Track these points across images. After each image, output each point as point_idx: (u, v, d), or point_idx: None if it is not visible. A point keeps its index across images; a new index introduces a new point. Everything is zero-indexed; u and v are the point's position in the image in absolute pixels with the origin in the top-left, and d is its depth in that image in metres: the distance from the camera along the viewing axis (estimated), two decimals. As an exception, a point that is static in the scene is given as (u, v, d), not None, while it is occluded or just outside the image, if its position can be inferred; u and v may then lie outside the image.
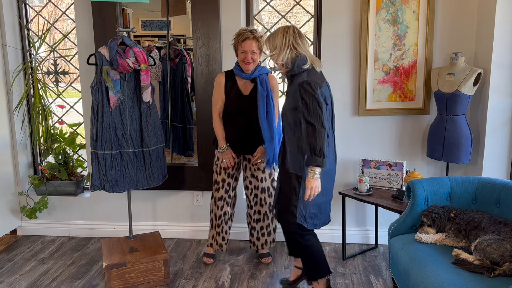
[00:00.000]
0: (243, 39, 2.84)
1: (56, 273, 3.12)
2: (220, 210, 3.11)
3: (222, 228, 3.16)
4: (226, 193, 3.10)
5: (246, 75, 2.92)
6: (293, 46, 2.42)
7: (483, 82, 3.05)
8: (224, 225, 3.17)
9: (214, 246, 3.20)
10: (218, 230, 3.16)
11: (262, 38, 2.89)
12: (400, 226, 2.60)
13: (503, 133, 3.05)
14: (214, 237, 3.19)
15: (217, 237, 3.18)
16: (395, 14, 3.17)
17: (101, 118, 2.89)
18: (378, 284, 2.90)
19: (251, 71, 2.90)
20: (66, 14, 3.66)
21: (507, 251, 2.08)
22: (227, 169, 3.06)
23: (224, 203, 3.11)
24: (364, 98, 3.27)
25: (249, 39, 2.83)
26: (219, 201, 3.10)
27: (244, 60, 2.87)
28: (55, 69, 3.72)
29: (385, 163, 3.19)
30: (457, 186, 2.58)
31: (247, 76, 2.92)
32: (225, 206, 3.12)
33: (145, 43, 3.46)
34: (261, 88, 2.90)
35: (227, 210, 3.15)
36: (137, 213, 3.65)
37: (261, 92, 2.89)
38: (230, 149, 3.02)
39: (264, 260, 3.18)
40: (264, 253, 3.22)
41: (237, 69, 2.96)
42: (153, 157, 3.04)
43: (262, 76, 2.94)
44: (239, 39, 2.87)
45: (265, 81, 2.93)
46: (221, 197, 3.09)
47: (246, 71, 2.91)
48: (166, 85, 3.47)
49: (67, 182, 3.67)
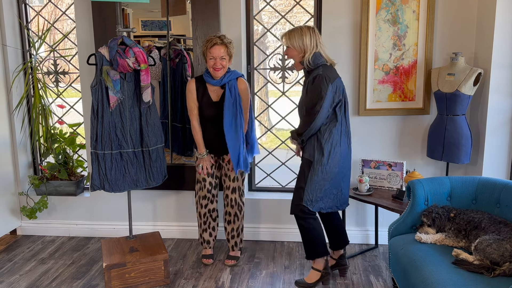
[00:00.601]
0: (212, 45, 2.84)
1: (56, 273, 3.12)
2: (204, 208, 3.16)
3: (209, 224, 3.20)
4: (209, 192, 3.14)
5: (215, 82, 2.93)
6: (316, 46, 2.65)
7: (483, 82, 3.05)
8: (212, 221, 3.21)
9: (203, 245, 3.25)
10: (204, 227, 3.21)
11: (231, 44, 2.90)
12: (400, 226, 2.60)
13: (503, 133, 3.05)
14: (202, 236, 3.25)
15: (204, 234, 3.23)
16: (395, 14, 3.17)
17: (101, 118, 2.89)
18: (378, 284, 2.90)
19: (220, 78, 2.91)
20: (66, 14, 3.66)
21: (507, 251, 2.08)
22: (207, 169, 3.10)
23: (208, 201, 3.16)
24: (364, 98, 3.27)
25: (218, 44, 2.83)
26: (203, 200, 3.15)
27: (213, 67, 2.86)
28: (55, 69, 3.72)
29: (385, 163, 3.19)
30: (457, 186, 2.58)
31: (216, 83, 2.93)
32: (209, 204, 3.16)
33: (145, 43, 3.46)
34: (229, 96, 2.90)
35: (212, 207, 3.18)
36: (137, 213, 3.65)
37: (228, 100, 2.90)
38: (209, 156, 3.09)
39: (226, 262, 3.20)
40: (231, 256, 3.24)
41: (207, 76, 2.95)
42: (153, 157, 3.04)
43: (231, 82, 2.94)
44: (207, 45, 2.86)
45: (234, 88, 2.93)
46: (205, 196, 3.14)
47: (216, 77, 2.91)
48: (166, 85, 3.47)
49: (67, 182, 3.67)
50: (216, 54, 2.83)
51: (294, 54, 2.69)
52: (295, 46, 2.66)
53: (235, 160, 2.96)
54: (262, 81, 7.32)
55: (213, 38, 2.85)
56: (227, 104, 2.89)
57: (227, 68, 2.93)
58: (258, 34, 3.78)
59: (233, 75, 2.95)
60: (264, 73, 6.94)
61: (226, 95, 2.90)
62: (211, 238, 3.24)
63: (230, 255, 3.24)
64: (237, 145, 2.94)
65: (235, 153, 2.95)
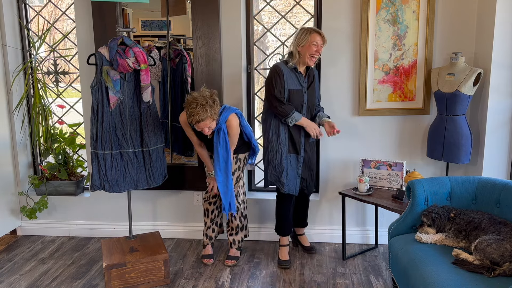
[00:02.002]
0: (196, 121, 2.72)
1: (56, 273, 3.12)
2: (213, 205, 3.21)
3: (215, 222, 3.27)
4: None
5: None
6: None
7: (483, 82, 3.05)
8: (218, 219, 3.28)
9: (204, 242, 3.27)
10: (209, 224, 3.26)
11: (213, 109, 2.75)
12: (400, 226, 2.60)
13: (503, 133, 3.05)
14: (205, 233, 3.28)
15: (208, 231, 3.27)
16: (395, 14, 3.17)
17: (101, 118, 2.89)
18: (378, 284, 2.90)
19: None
20: (66, 14, 3.66)
21: (507, 251, 2.08)
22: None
23: (218, 199, 3.22)
24: (364, 98, 3.27)
25: (203, 120, 2.72)
26: (212, 198, 3.20)
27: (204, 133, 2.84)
28: (55, 69, 3.72)
29: (385, 163, 3.19)
30: (457, 186, 2.58)
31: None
32: (218, 201, 3.23)
33: (145, 43, 3.46)
34: (217, 142, 2.92)
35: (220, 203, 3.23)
36: (137, 213, 3.65)
37: (216, 144, 2.92)
38: None
39: (226, 262, 3.20)
40: (231, 256, 3.24)
41: None
42: (153, 157, 3.04)
43: (220, 127, 2.89)
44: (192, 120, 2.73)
45: (222, 131, 2.90)
46: (215, 195, 3.19)
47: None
48: (166, 85, 3.47)
49: (67, 182, 3.67)
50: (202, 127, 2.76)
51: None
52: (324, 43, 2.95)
53: (226, 204, 3.01)
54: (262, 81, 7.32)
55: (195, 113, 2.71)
56: (219, 150, 2.92)
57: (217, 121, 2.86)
58: (258, 34, 3.78)
59: (223, 119, 2.89)
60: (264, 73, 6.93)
61: (214, 143, 2.92)
62: (213, 234, 3.28)
63: (229, 255, 3.24)
64: (228, 191, 3.00)
65: (226, 198, 3.00)
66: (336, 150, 3.40)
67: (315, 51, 2.87)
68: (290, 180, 3.02)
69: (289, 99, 2.92)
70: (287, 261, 3.14)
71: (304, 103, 2.98)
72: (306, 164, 3.07)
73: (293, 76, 2.93)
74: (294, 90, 2.92)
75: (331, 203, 3.49)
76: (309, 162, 3.08)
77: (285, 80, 2.89)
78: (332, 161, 3.42)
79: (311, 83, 3.02)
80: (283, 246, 3.20)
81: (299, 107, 2.95)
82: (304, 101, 2.97)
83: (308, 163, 3.08)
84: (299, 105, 2.95)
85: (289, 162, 3.01)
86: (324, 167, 3.44)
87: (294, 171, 3.03)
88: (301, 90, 2.95)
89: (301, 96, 2.95)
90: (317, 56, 2.91)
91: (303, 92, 2.95)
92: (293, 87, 2.92)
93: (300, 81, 2.95)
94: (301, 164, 3.05)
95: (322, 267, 3.13)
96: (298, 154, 3.02)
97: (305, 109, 2.99)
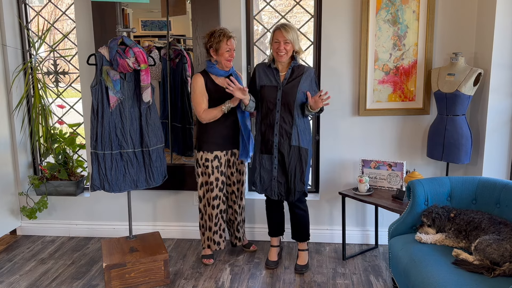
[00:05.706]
0: (228, 37, 2.91)
1: (56, 273, 3.12)
2: (216, 208, 3.11)
3: (219, 226, 3.16)
4: (220, 191, 3.11)
5: (224, 73, 3.00)
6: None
7: (483, 82, 3.04)
8: (222, 222, 3.18)
9: (212, 246, 3.19)
10: (215, 229, 3.15)
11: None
12: (400, 226, 2.60)
13: (503, 133, 3.05)
14: (210, 238, 3.17)
15: (214, 236, 3.16)
16: (395, 14, 3.17)
17: (101, 118, 2.89)
18: (378, 284, 2.90)
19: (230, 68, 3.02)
20: (66, 14, 3.66)
21: (507, 251, 2.08)
22: (219, 167, 3.07)
23: (220, 201, 3.13)
24: (364, 98, 3.27)
25: (232, 37, 2.94)
26: (214, 201, 3.09)
27: (229, 58, 2.94)
28: (55, 69, 3.72)
29: (385, 163, 3.19)
30: (457, 186, 2.58)
31: (224, 74, 3.00)
32: (221, 204, 3.14)
33: (145, 43, 3.45)
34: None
35: (223, 207, 3.17)
36: (137, 213, 3.65)
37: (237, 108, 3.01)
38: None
39: (252, 248, 3.37)
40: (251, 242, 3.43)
41: (213, 68, 2.98)
42: (153, 157, 3.04)
43: (234, 71, 3.09)
44: (221, 38, 2.90)
45: (237, 77, 3.06)
46: (216, 196, 3.10)
47: (227, 68, 2.99)
48: (166, 85, 3.47)
49: (67, 182, 3.67)
50: (231, 46, 2.94)
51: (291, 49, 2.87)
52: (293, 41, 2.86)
53: (246, 150, 3.07)
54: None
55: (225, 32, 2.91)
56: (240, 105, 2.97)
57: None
58: (258, 34, 3.78)
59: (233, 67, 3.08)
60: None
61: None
62: (221, 239, 3.19)
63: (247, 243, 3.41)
64: (250, 135, 3.09)
65: (249, 142, 3.07)
66: (336, 150, 3.40)
67: (276, 49, 2.84)
68: (265, 182, 2.99)
69: (261, 95, 2.94)
70: (273, 262, 3.15)
71: (278, 99, 2.88)
72: (282, 167, 2.92)
73: (269, 73, 2.94)
74: (266, 85, 2.93)
75: (331, 203, 3.49)
76: (289, 166, 2.90)
77: (258, 76, 2.95)
78: (332, 161, 3.42)
79: (293, 80, 2.89)
80: (272, 246, 3.22)
81: (272, 103, 2.90)
82: (277, 97, 2.88)
83: (287, 167, 2.90)
84: (271, 101, 2.90)
85: (262, 163, 2.97)
86: (324, 167, 3.44)
87: (268, 173, 2.96)
88: (275, 86, 2.90)
89: (274, 92, 2.89)
90: (283, 53, 2.83)
91: (277, 89, 2.89)
92: (265, 83, 2.93)
93: (276, 78, 2.91)
94: (276, 165, 2.93)
95: (322, 267, 3.13)
96: (271, 155, 2.93)
97: (279, 105, 2.87)
